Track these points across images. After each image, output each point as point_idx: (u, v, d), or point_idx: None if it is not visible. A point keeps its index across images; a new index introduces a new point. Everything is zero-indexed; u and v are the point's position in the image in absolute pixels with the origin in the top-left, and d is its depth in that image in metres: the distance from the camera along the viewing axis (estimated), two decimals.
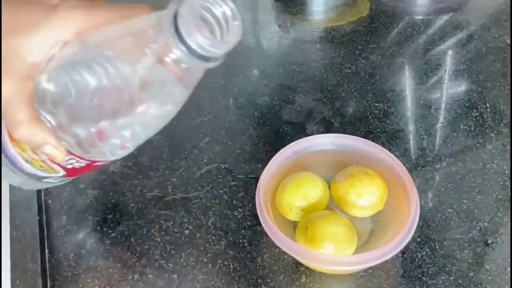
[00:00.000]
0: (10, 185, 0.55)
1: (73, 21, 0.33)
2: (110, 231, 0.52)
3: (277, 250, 0.49)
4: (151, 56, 0.28)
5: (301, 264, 0.48)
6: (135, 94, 0.30)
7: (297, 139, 0.50)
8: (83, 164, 0.38)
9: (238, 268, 0.48)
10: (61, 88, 0.32)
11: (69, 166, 0.37)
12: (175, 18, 0.27)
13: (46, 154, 0.35)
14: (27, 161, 0.37)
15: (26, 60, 0.32)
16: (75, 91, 0.31)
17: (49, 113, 0.32)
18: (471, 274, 0.47)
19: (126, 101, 0.30)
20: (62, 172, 0.39)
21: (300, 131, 0.60)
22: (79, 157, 0.36)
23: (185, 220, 0.52)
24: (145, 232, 0.51)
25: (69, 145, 0.34)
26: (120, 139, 0.33)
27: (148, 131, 0.34)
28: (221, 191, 0.54)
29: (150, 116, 0.32)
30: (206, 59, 0.28)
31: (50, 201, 0.54)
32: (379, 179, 0.47)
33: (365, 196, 0.46)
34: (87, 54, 0.32)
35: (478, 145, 0.58)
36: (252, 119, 0.62)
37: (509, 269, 0.47)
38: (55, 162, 0.38)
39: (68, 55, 0.32)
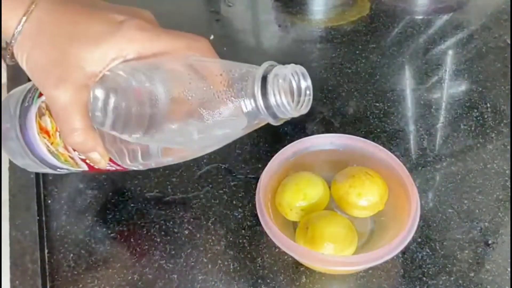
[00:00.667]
0: (10, 185, 0.55)
1: (137, 43, 0.35)
2: (109, 231, 0.51)
3: (277, 250, 0.49)
4: (228, 106, 0.31)
5: (301, 264, 0.47)
6: (203, 126, 0.33)
7: (297, 139, 0.50)
8: (112, 168, 0.40)
9: (238, 268, 0.48)
10: (112, 100, 0.33)
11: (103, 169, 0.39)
12: (264, 78, 0.30)
13: (91, 159, 0.36)
14: (52, 153, 0.40)
15: (86, 69, 0.33)
16: (125, 105, 0.33)
17: (100, 124, 0.34)
18: (472, 274, 0.47)
19: (194, 129, 0.33)
20: (85, 168, 0.41)
21: (300, 131, 0.60)
22: (116, 164, 0.38)
23: (185, 220, 0.52)
24: (145, 232, 0.51)
25: (111, 154, 0.37)
26: (159, 160, 0.37)
27: (180, 159, 0.38)
28: (221, 191, 0.54)
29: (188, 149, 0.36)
30: (276, 118, 0.31)
31: (49, 201, 0.54)
32: (379, 179, 0.47)
33: (365, 196, 0.46)
34: (151, 74, 0.33)
35: (478, 145, 0.58)
36: None
37: (509, 269, 0.47)
38: (84, 161, 0.40)
39: (125, 71, 0.34)
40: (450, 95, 0.64)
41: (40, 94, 0.40)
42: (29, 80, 0.37)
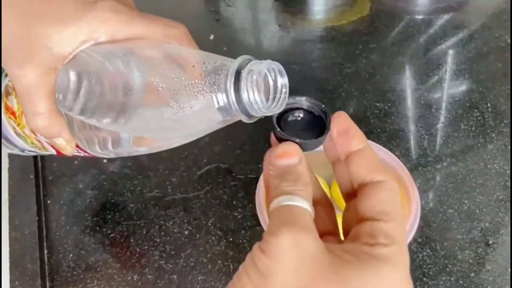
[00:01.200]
0: (10, 186, 0.55)
1: (110, 25, 0.33)
2: (109, 232, 0.51)
3: None
4: (199, 99, 0.30)
5: None
6: (171, 118, 0.31)
7: None
8: (81, 155, 0.38)
9: (238, 268, 0.48)
10: (83, 84, 0.32)
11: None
12: (237, 72, 0.29)
13: (55, 144, 0.34)
14: (18, 134, 0.38)
15: (53, 50, 0.32)
16: (98, 89, 0.31)
17: (68, 108, 0.33)
18: (472, 274, 0.47)
19: (162, 120, 0.31)
20: (53, 152, 0.39)
21: None
22: (83, 151, 0.37)
23: (185, 220, 0.52)
24: (144, 232, 0.51)
25: (80, 140, 0.35)
26: (123, 150, 0.35)
27: (148, 150, 0.37)
28: (221, 191, 0.54)
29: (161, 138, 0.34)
30: (249, 116, 0.30)
31: (49, 202, 0.54)
32: None
33: None
34: (122, 59, 0.32)
35: (479, 145, 0.58)
36: None
37: (510, 269, 0.47)
38: (51, 145, 0.38)
39: (98, 53, 0.32)
40: (450, 95, 0.64)
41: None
42: None
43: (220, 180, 0.55)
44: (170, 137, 0.35)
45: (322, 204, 0.32)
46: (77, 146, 0.36)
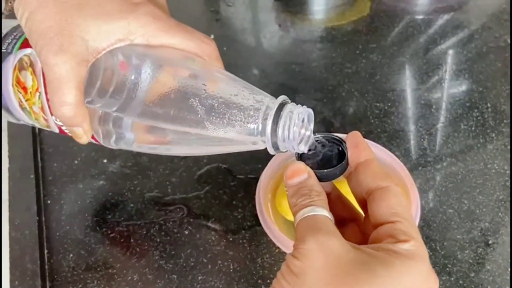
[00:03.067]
0: (10, 186, 0.55)
1: (148, 30, 0.33)
2: (109, 232, 0.51)
3: (277, 250, 0.49)
4: (235, 128, 0.32)
5: None
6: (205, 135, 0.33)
7: None
8: (92, 141, 0.39)
9: (238, 268, 0.48)
10: (114, 81, 0.32)
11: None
12: (278, 111, 0.31)
13: (73, 132, 0.35)
14: (23, 109, 0.38)
15: (88, 43, 0.32)
16: (126, 91, 0.32)
17: (94, 102, 0.33)
18: (472, 274, 0.47)
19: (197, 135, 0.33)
20: (55, 131, 0.40)
21: None
22: (97, 141, 0.37)
23: (185, 220, 0.52)
24: (144, 232, 0.51)
25: (97, 133, 0.36)
26: (145, 148, 0.36)
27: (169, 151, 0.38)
28: (221, 191, 0.54)
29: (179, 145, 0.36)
30: (276, 149, 0.32)
31: (49, 202, 0.54)
32: None
33: None
34: (157, 68, 0.33)
35: (479, 145, 0.58)
36: None
37: (509, 269, 0.47)
38: (59, 127, 0.39)
39: (133, 55, 0.33)
40: (450, 95, 0.64)
41: (23, 46, 0.37)
42: None
43: (220, 180, 0.55)
44: (185, 150, 0.37)
45: (334, 197, 0.35)
46: (95, 138, 0.37)
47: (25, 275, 0.48)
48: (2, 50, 0.37)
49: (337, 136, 0.34)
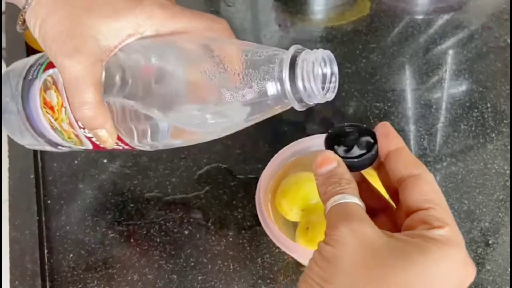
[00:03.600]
0: (10, 185, 0.55)
1: (156, 20, 0.34)
2: (109, 232, 0.51)
3: (277, 250, 0.49)
4: (253, 88, 0.31)
5: (301, 265, 0.47)
6: (224, 106, 0.32)
7: (297, 139, 0.50)
8: (120, 148, 0.39)
9: (238, 268, 0.48)
10: (129, 77, 0.33)
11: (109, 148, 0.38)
12: (292, 61, 0.30)
13: (97, 136, 0.35)
14: (55, 129, 0.39)
15: (101, 42, 0.32)
16: (143, 83, 0.32)
17: (113, 99, 0.34)
18: None
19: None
20: (89, 147, 0.40)
21: (300, 131, 0.60)
22: (125, 143, 0.37)
23: (185, 220, 0.52)
24: (144, 232, 0.51)
25: (121, 132, 0.36)
26: (168, 142, 0.36)
27: (195, 141, 0.38)
28: (221, 191, 0.54)
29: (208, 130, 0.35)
30: (301, 103, 0.31)
31: (49, 202, 0.54)
32: (380, 185, 0.46)
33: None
34: (169, 54, 0.33)
35: (478, 145, 0.58)
36: None
37: (510, 269, 0.47)
38: (89, 139, 0.38)
39: (144, 47, 0.33)
40: (450, 95, 0.64)
41: (46, 68, 0.39)
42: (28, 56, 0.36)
43: (220, 180, 0.55)
44: (212, 129, 0.35)
45: (364, 187, 0.34)
46: (118, 137, 0.37)
47: (25, 275, 0.48)
48: (28, 78, 0.38)
49: (366, 127, 0.34)
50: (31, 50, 0.64)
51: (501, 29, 0.72)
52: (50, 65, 0.39)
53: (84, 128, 0.38)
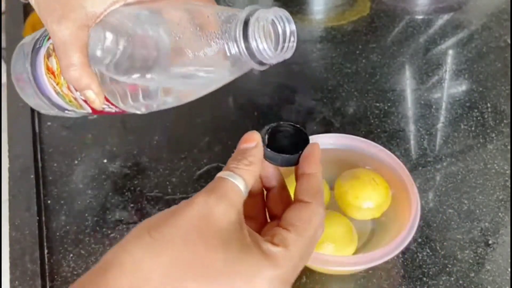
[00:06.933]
0: (10, 185, 0.55)
1: None
2: (109, 232, 0.51)
3: None
4: (213, 47, 0.32)
5: None
6: (191, 65, 0.34)
7: None
8: (112, 111, 0.41)
9: None
10: (112, 41, 0.35)
11: (99, 109, 0.40)
12: (246, 22, 0.31)
13: (86, 97, 0.38)
14: (58, 93, 0.41)
15: (87, 9, 0.35)
16: (124, 46, 0.34)
17: (98, 62, 0.36)
18: (472, 274, 0.47)
19: (181, 68, 0.34)
20: (88, 110, 0.42)
21: None
22: (113, 105, 0.39)
23: None
24: None
25: (109, 94, 0.38)
26: (159, 101, 0.38)
27: (179, 101, 0.39)
28: None
29: (186, 90, 0.38)
30: (260, 63, 0.32)
31: (49, 202, 0.54)
32: (383, 189, 0.46)
33: (363, 200, 0.46)
34: (149, 18, 0.35)
35: (478, 145, 0.58)
36: (252, 119, 0.62)
37: (509, 269, 0.47)
38: (86, 102, 0.41)
39: (127, 13, 0.35)
40: (450, 95, 0.64)
41: (50, 37, 0.42)
42: None
43: None
44: (193, 86, 0.37)
45: (276, 191, 0.35)
46: (108, 100, 0.39)
47: (25, 275, 0.48)
48: (36, 47, 0.42)
49: (306, 136, 0.35)
50: None
51: (501, 29, 0.72)
52: None
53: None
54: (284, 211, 0.32)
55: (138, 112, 0.40)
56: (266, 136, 0.34)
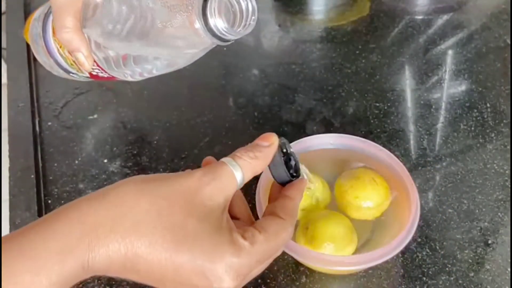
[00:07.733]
0: (10, 185, 0.55)
1: None
2: None
3: None
4: (181, 19, 0.34)
5: (301, 264, 0.47)
6: (159, 36, 0.36)
7: (297, 139, 0.50)
8: (105, 76, 0.44)
9: None
10: (103, 9, 0.38)
11: (94, 73, 0.44)
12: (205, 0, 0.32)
13: (76, 59, 0.41)
14: (61, 55, 0.45)
15: None
16: (114, 14, 0.37)
17: (89, 28, 0.39)
18: (472, 274, 0.47)
19: (152, 38, 0.36)
20: (86, 74, 0.45)
21: (300, 131, 0.60)
22: (103, 70, 0.42)
23: None
24: None
25: (98, 59, 0.41)
26: (140, 69, 0.40)
27: (160, 70, 0.41)
28: None
29: (163, 59, 0.39)
30: (220, 39, 0.33)
31: (50, 201, 0.54)
32: (383, 189, 0.46)
33: (362, 200, 0.46)
34: None
35: (478, 145, 0.58)
36: (252, 119, 0.62)
37: (509, 269, 0.47)
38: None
39: None
40: (450, 95, 0.64)
41: None
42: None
43: None
44: (168, 55, 0.39)
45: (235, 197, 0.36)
46: (99, 66, 0.42)
47: None
48: (47, 13, 0.45)
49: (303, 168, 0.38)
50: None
51: (501, 29, 0.72)
52: None
53: None
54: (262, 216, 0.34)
55: (131, 79, 0.43)
56: (284, 150, 0.35)
